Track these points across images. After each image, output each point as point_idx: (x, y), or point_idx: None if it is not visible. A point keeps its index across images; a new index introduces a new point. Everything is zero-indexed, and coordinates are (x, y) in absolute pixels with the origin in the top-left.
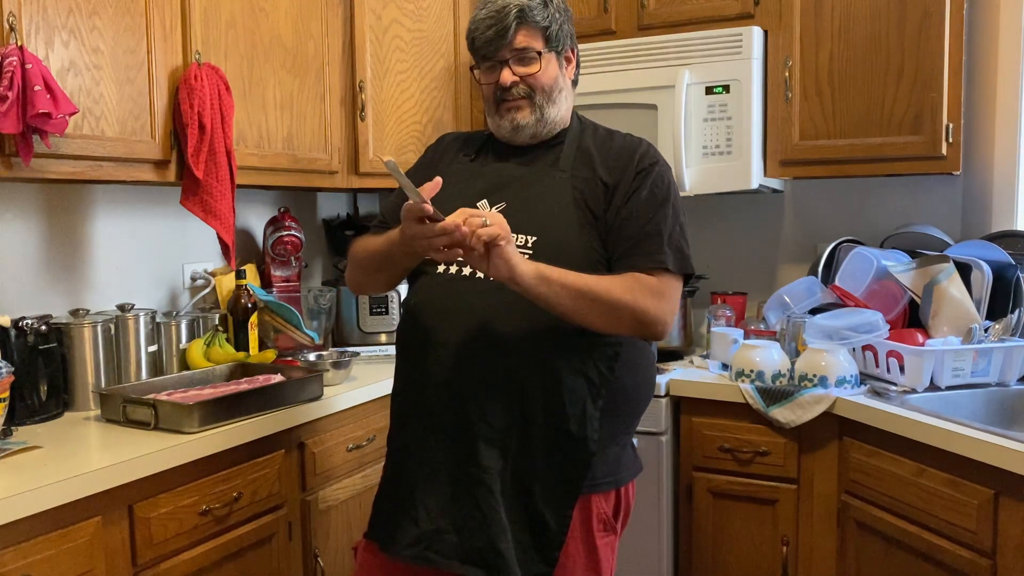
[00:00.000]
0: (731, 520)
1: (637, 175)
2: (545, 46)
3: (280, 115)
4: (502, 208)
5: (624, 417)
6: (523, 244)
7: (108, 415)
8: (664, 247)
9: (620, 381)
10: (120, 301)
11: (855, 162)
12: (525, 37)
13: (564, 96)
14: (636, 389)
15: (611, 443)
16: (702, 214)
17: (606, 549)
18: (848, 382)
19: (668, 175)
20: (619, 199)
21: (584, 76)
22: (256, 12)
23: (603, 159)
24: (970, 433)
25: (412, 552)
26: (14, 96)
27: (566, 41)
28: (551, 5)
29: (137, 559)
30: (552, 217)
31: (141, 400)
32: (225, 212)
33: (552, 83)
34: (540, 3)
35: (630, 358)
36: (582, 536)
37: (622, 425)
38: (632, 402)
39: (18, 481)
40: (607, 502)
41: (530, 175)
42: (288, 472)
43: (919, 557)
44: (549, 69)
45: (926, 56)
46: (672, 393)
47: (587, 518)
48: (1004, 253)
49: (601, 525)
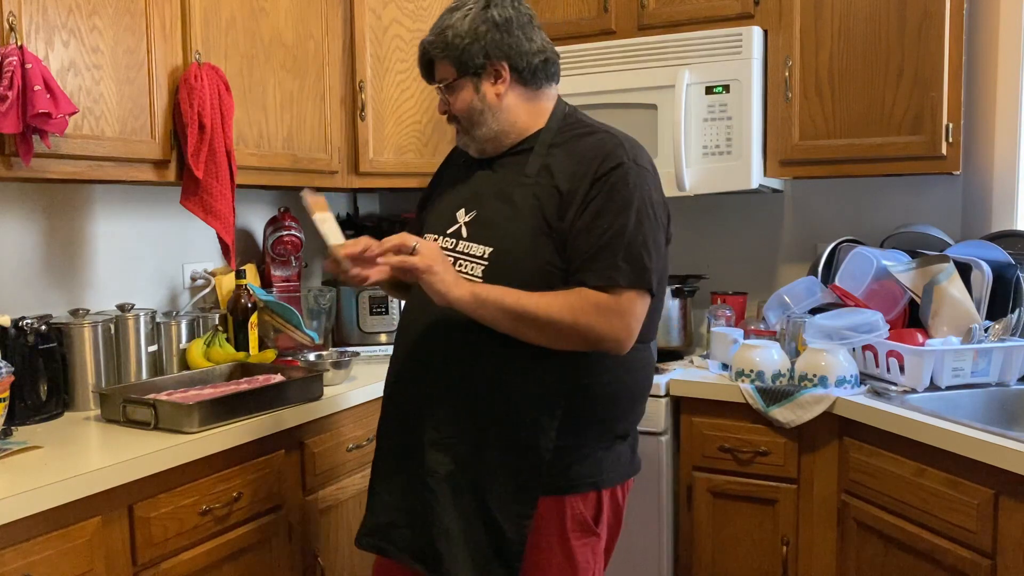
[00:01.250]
0: (731, 520)
1: (596, 182)
2: (457, 74)
3: (280, 115)
4: (473, 217)
5: (605, 421)
6: (480, 255)
7: (108, 415)
8: (618, 261)
9: (594, 386)
10: (120, 301)
11: (855, 162)
12: (441, 70)
13: (492, 114)
14: (618, 393)
15: (590, 446)
16: (702, 214)
17: (584, 551)
18: (848, 382)
19: (635, 176)
20: (575, 209)
21: (584, 76)
22: (256, 12)
23: (564, 164)
24: (970, 433)
25: (369, 542)
26: (14, 96)
27: (480, 59)
28: (452, 31)
29: (137, 559)
30: (509, 228)
31: (141, 400)
32: (225, 212)
33: (466, 108)
34: (440, 31)
35: (604, 363)
36: (557, 538)
37: (602, 429)
38: (614, 406)
39: (18, 481)
40: (585, 504)
41: (498, 183)
42: (288, 472)
43: (919, 557)
44: (461, 96)
45: (926, 56)
46: (672, 393)
47: (561, 520)
48: (1004, 253)
49: (577, 527)
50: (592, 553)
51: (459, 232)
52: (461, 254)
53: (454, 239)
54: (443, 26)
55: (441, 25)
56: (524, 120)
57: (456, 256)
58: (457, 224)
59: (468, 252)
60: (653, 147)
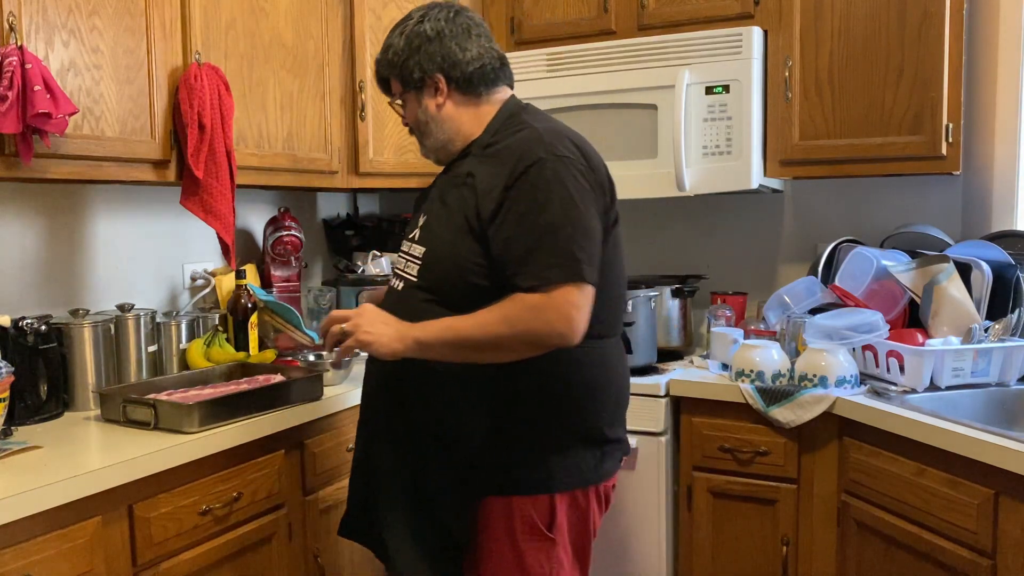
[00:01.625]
0: (731, 520)
1: (516, 181)
2: (403, 89)
3: (280, 115)
4: (424, 221)
5: (549, 426)
6: (418, 256)
7: (108, 415)
8: (548, 259)
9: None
10: (120, 301)
11: (855, 162)
12: (393, 85)
13: (436, 125)
14: (567, 395)
15: (535, 450)
16: (702, 214)
17: (535, 555)
18: (848, 382)
19: (553, 169)
20: (493, 208)
21: (584, 76)
22: (256, 12)
23: (488, 164)
24: (970, 433)
25: (344, 531)
26: (14, 96)
27: (416, 73)
28: (391, 49)
29: (137, 559)
30: (439, 229)
31: (141, 400)
32: (225, 212)
33: (414, 120)
34: (383, 51)
35: (538, 364)
36: (506, 539)
37: (549, 434)
38: (566, 408)
39: (18, 481)
40: (535, 507)
41: (441, 187)
42: (288, 472)
43: (919, 557)
44: (409, 110)
45: (926, 56)
46: (672, 393)
47: (509, 521)
48: (1004, 253)
49: (527, 530)
50: (547, 558)
51: (415, 236)
52: (407, 256)
53: (410, 243)
54: (386, 44)
55: (386, 43)
56: (468, 127)
57: (406, 259)
58: (416, 229)
59: (411, 253)
60: (653, 147)
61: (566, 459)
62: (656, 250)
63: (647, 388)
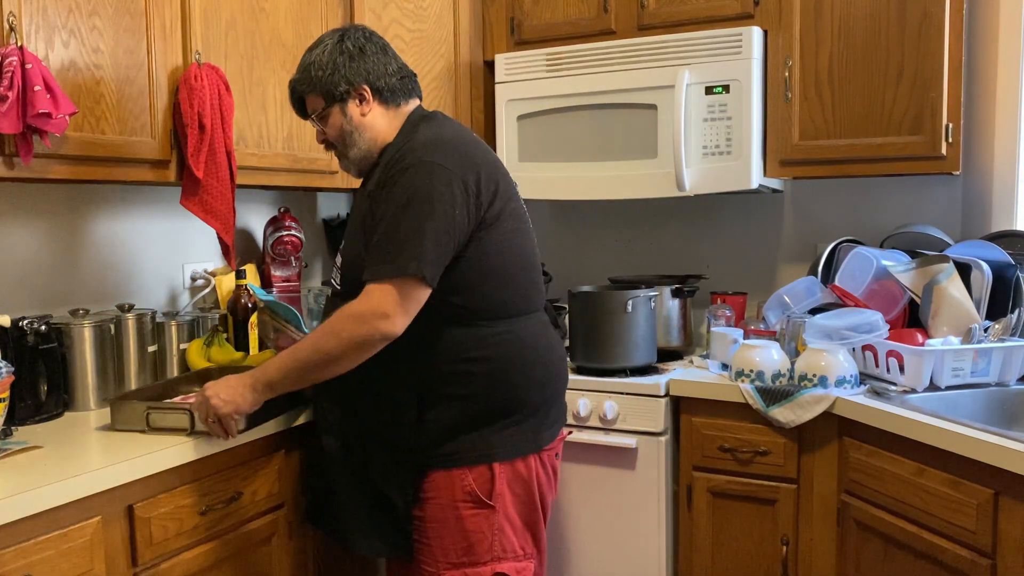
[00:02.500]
0: (731, 520)
1: (385, 187)
2: (325, 103)
3: (280, 115)
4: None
5: (479, 400)
6: (339, 265)
7: (126, 425)
8: (385, 255)
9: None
10: (120, 301)
11: (855, 162)
12: (311, 102)
13: (359, 134)
14: (483, 374)
15: (471, 423)
16: (702, 214)
17: (476, 521)
18: (848, 382)
19: (414, 174)
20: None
21: (584, 76)
22: (256, 12)
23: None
24: (970, 433)
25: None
26: (14, 96)
27: (342, 86)
28: (313, 66)
29: (137, 559)
30: (350, 239)
31: (174, 407)
32: (225, 212)
33: (338, 133)
34: (303, 69)
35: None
36: (450, 508)
37: (481, 407)
38: (491, 385)
39: (18, 481)
40: (475, 477)
41: (358, 200)
42: (288, 472)
43: (919, 557)
44: (332, 123)
45: (926, 56)
46: (672, 393)
47: (451, 491)
48: (1004, 253)
49: (468, 498)
50: (488, 524)
51: (342, 246)
52: (336, 266)
53: (339, 254)
54: (306, 64)
55: (304, 63)
56: (384, 135)
57: (335, 269)
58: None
59: (337, 265)
60: (653, 147)
61: (502, 431)
62: (656, 250)
63: (647, 388)
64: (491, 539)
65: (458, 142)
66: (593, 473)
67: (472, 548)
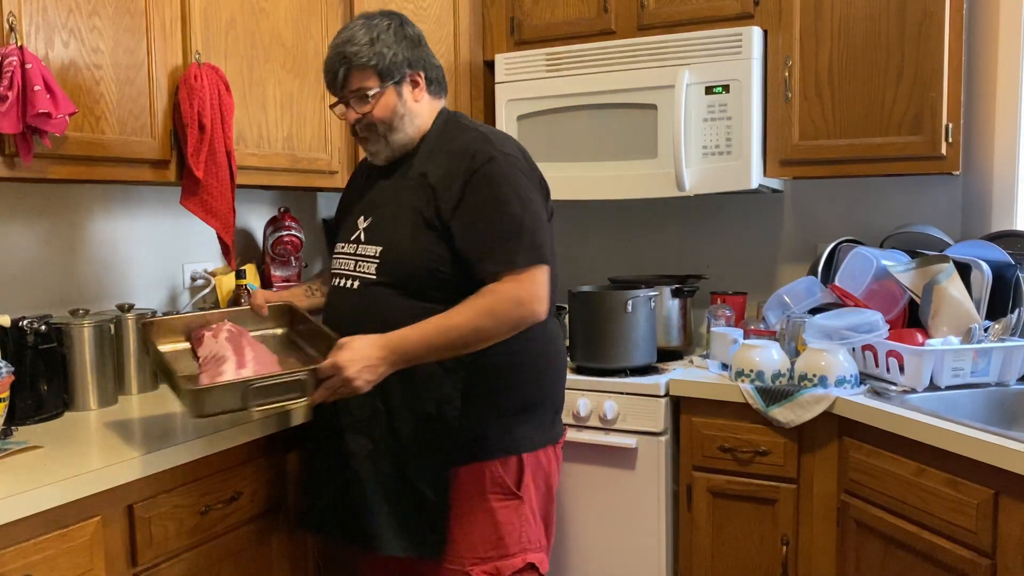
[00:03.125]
0: (731, 520)
1: (472, 177)
2: (380, 82)
3: (280, 115)
4: (369, 222)
5: (512, 390)
6: (373, 255)
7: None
8: (516, 247)
9: (492, 357)
10: (120, 301)
11: (855, 162)
12: (358, 79)
13: (409, 119)
14: (521, 363)
15: (494, 416)
16: (702, 214)
17: (506, 512)
18: (848, 382)
19: (506, 166)
20: (452, 204)
21: (584, 76)
22: (256, 12)
23: (438, 162)
24: (970, 433)
25: (307, 521)
26: (14, 96)
27: (403, 68)
28: (378, 42)
29: (137, 559)
30: (394, 226)
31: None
32: (225, 212)
33: (389, 115)
34: (366, 43)
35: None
36: (479, 500)
37: (506, 400)
38: (519, 375)
39: (18, 481)
40: (504, 468)
41: (390, 187)
42: (288, 472)
43: (919, 557)
44: (384, 104)
45: (926, 56)
46: (672, 393)
47: (481, 484)
48: (1004, 253)
49: (497, 489)
50: (515, 514)
51: (359, 237)
52: (360, 256)
53: (355, 244)
54: (369, 38)
55: (365, 37)
56: (425, 126)
57: (356, 259)
58: (358, 231)
59: (364, 253)
60: (653, 147)
61: (529, 423)
62: (656, 250)
63: (647, 388)
64: (520, 530)
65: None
66: (593, 473)
67: (502, 540)
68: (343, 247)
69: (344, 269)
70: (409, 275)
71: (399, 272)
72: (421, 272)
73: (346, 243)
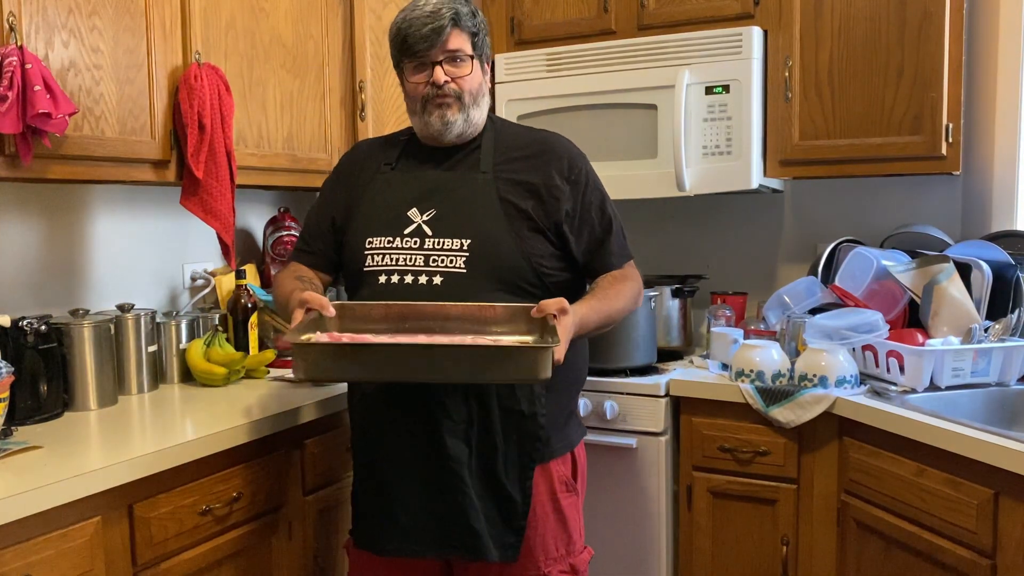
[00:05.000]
0: (731, 520)
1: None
2: (473, 51)
3: (280, 115)
4: (432, 215)
5: (567, 390)
6: (459, 248)
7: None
8: (623, 242)
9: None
10: (120, 301)
11: (855, 162)
12: (457, 39)
13: (485, 100)
14: (575, 365)
15: (559, 414)
16: (702, 214)
17: (571, 508)
18: (848, 382)
19: (593, 169)
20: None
21: (584, 76)
22: (256, 12)
23: (524, 157)
24: (970, 433)
25: (395, 546)
26: (14, 96)
27: (486, 51)
28: (479, 16)
29: (137, 559)
30: (483, 219)
31: None
32: (225, 212)
33: (478, 87)
34: (470, 12)
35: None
36: (549, 500)
37: (566, 397)
38: (573, 377)
39: (18, 481)
40: (565, 466)
41: (455, 179)
42: (288, 472)
43: (919, 557)
44: (476, 73)
45: (926, 56)
46: (672, 393)
47: (550, 483)
48: (1004, 253)
49: (563, 487)
50: (576, 510)
51: (420, 231)
52: (433, 250)
53: (416, 238)
54: (470, 9)
55: (467, 8)
56: (484, 117)
57: (427, 253)
58: (414, 223)
59: (442, 247)
60: (653, 147)
61: (573, 419)
62: (656, 250)
63: (647, 388)
64: (580, 524)
65: None
66: (593, 473)
67: (571, 537)
68: (390, 241)
69: (401, 264)
70: (510, 267)
71: (498, 264)
72: (523, 264)
73: (396, 237)
